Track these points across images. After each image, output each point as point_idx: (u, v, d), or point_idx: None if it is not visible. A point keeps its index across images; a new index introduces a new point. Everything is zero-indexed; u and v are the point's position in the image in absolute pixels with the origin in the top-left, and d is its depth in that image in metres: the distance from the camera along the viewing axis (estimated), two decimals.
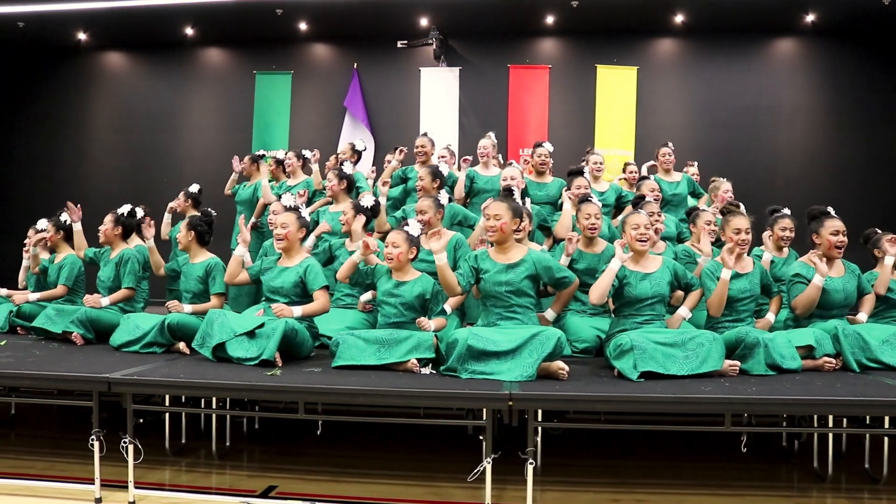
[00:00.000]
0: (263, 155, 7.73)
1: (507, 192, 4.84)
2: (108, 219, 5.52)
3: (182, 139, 10.70)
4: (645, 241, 4.33)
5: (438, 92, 10.01)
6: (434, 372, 4.10)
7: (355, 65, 10.28)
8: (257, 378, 3.88)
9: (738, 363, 4.08)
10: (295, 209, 4.97)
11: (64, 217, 5.82)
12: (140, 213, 5.65)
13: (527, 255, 4.28)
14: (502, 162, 7.46)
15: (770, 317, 4.67)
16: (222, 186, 7.68)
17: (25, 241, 6.02)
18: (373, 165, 9.11)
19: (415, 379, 3.92)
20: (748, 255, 4.75)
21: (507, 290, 4.18)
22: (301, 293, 4.63)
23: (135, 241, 5.74)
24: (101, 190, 10.61)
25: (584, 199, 5.14)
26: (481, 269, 4.25)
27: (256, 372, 4.04)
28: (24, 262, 6.07)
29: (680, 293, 4.65)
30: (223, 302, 5.15)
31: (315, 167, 7.01)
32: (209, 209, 5.59)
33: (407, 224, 4.56)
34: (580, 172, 6.01)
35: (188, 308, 4.93)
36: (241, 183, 7.50)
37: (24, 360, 4.38)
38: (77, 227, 5.76)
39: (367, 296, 4.89)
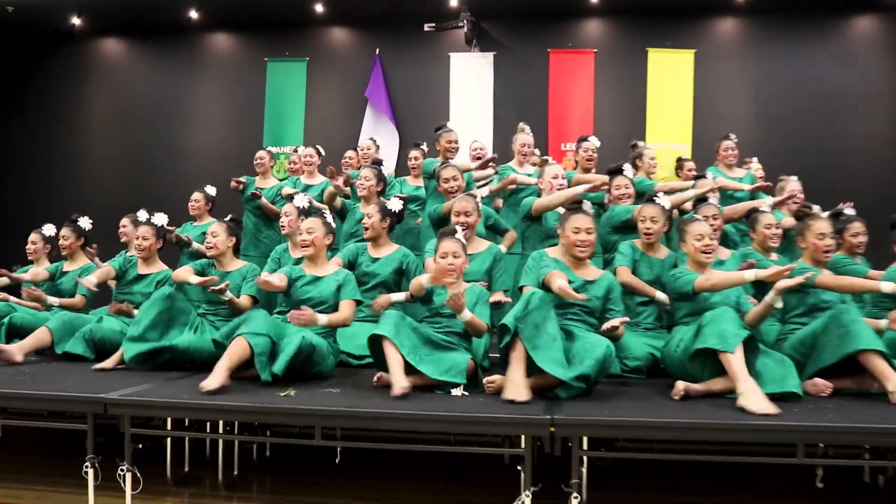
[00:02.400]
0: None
1: (577, 205, 4.80)
2: (149, 232, 5.56)
3: (186, 134, 10.83)
4: (710, 254, 4.38)
5: (470, 80, 10.04)
6: (467, 394, 4.09)
7: (377, 51, 10.34)
8: (269, 399, 3.88)
9: (830, 385, 4.03)
10: (320, 213, 5.02)
11: (82, 222, 5.87)
12: (163, 220, 5.70)
13: (603, 274, 4.43)
14: (545, 159, 7.44)
15: (882, 322, 4.58)
16: (227, 188, 7.73)
17: (30, 248, 6.17)
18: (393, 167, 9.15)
19: (445, 401, 3.91)
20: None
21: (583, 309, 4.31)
22: (337, 306, 4.71)
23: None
24: (96, 189, 10.79)
25: (648, 199, 5.13)
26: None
27: (268, 392, 4.05)
28: (30, 270, 6.17)
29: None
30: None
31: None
32: (231, 216, 5.64)
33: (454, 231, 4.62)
34: (619, 171, 5.96)
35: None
36: (248, 183, 7.53)
37: (12, 377, 4.42)
38: (97, 262, 5.84)
39: (399, 296, 4.89)
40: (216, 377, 4.07)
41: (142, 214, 6.33)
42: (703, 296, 4.42)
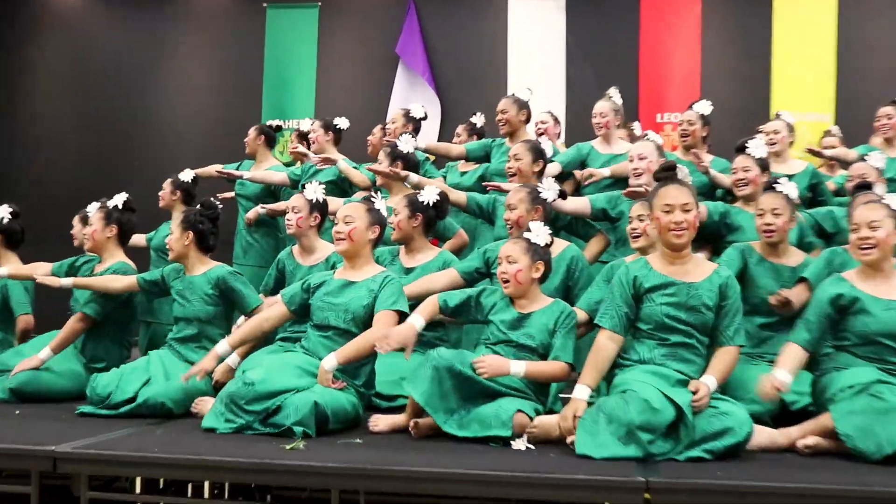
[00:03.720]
0: (279, 127, 7.80)
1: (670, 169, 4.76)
2: (96, 216, 5.69)
3: (160, 104, 10.95)
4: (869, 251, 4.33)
5: (535, 32, 10.03)
6: (532, 447, 4.08)
7: None
8: (270, 454, 3.87)
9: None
10: (366, 198, 5.01)
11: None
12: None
13: (715, 270, 4.34)
14: (637, 132, 7.38)
15: None
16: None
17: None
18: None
19: (503, 457, 3.89)
20: None
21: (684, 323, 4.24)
22: (368, 322, 4.65)
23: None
24: (48, 175, 10.93)
25: (769, 185, 5.06)
26: (645, 291, 4.26)
27: (269, 444, 4.04)
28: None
29: None
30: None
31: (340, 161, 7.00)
32: (213, 199, 5.66)
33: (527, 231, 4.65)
34: (741, 149, 5.87)
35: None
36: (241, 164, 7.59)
37: None
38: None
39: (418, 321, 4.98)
40: None
41: (94, 209, 6.39)
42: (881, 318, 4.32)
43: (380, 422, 4.48)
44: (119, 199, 5.84)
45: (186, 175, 7.29)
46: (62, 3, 11.30)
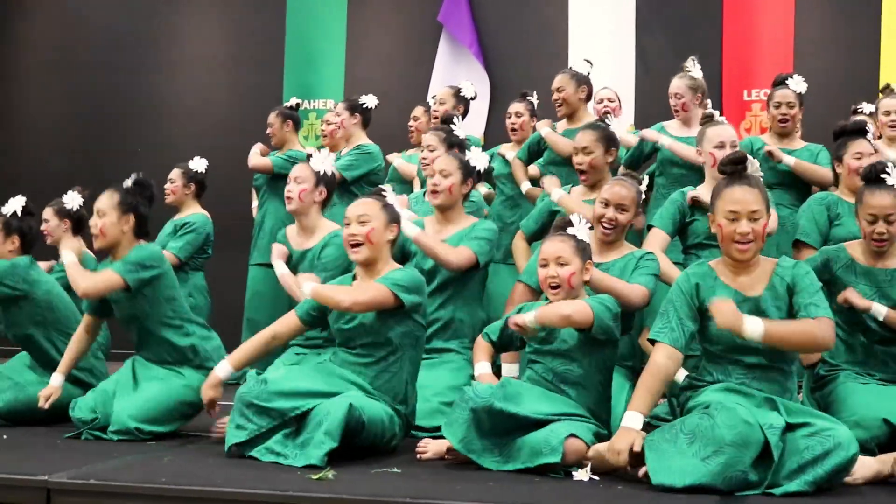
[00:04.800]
0: (298, 105, 7.85)
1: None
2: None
3: (166, 83, 11.05)
4: None
5: None
6: (595, 478, 4.08)
7: None
8: (295, 484, 3.90)
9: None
10: (377, 192, 4.98)
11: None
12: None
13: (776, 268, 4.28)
14: (715, 115, 7.36)
15: None
16: (236, 159, 7.84)
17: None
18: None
19: (559, 488, 3.91)
20: None
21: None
22: (386, 341, 4.70)
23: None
24: (34, 163, 11.02)
25: (874, 177, 4.94)
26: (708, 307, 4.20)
27: (293, 473, 4.08)
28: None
29: None
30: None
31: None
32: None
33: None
34: (860, 131, 5.79)
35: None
36: (271, 152, 7.65)
37: None
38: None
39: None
40: None
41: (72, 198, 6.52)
42: None
43: (429, 447, 4.50)
44: (16, 205, 5.84)
45: (199, 164, 7.37)
46: None
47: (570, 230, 4.61)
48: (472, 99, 7.55)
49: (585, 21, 10.00)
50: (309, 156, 5.92)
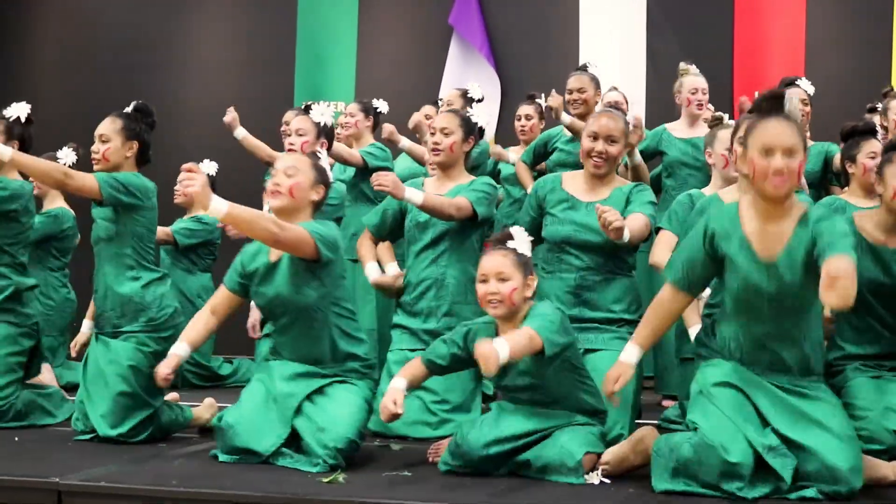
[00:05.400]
0: (308, 107, 7.86)
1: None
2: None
3: (177, 85, 11.08)
4: None
5: None
6: (606, 481, 4.08)
7: None
8: (306, 488, 3.92)
9: None
10: (313, 154, 4.91)
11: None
12: None
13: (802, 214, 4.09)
14: (724, 118, 7.36)
15: None
16: (247, 161, 7.85)
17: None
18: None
19: (573, 492, 3.92)
20: None
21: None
22: (304, 310, 4.64)
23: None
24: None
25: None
26: (732, 260, 4.10)
27: (304, 477, 4.11)
28: None
29: None
30: None
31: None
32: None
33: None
34: (871, 131, 5.78)
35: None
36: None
37: None
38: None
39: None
40: None
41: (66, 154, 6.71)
42: None
43: (440, 448, 4.52)
44: (21, 110, 6.08)
45: (209, 167, 7.39)
46: None
47: (509, 244, 4.45)
48: (479, 101, 7.55)
49: (596, 23, 10.02)
50: (307, 107, 6.01)
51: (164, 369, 4.68)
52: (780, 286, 3.98)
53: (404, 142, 7.21)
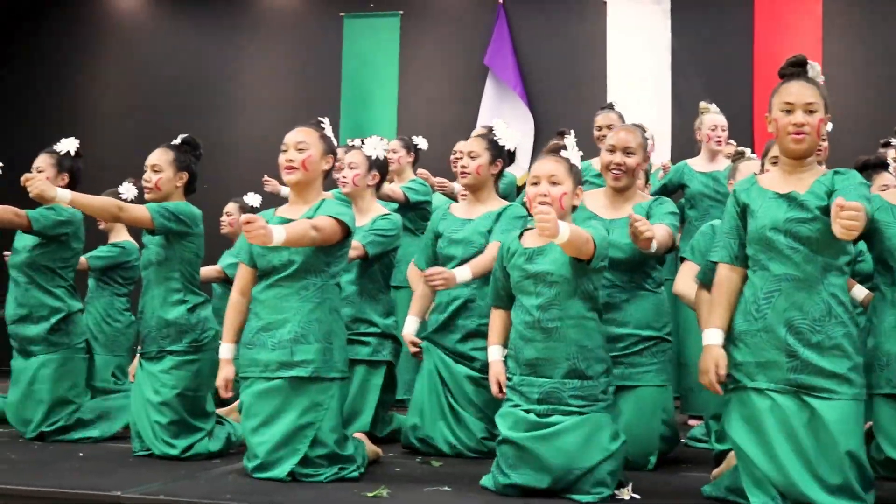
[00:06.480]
0: (352, 146, 8.24)
1: None
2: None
3: (229, 123, 11.36)
4: None
5: (636, 37, 10.15)
6: (636, 496, 4.15)
7: None
8: (350, 502, 4.05)
9: None
10: (317, 124, 5.01)
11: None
12: None
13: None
14: (747, 152, 7.64)
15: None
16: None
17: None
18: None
19: None
20: None
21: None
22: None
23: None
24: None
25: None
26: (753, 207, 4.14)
27: (349, 492, 4.21)
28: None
29: None
30: None
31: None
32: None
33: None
34: (882, 164, 5.82)
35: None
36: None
37: None
38: None
39: (463, 273, 5.25)
40: None
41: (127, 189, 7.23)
42: None
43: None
44: (70, 145, 6.32)
45: (253, 199, 7.77)
46: (125, 12, 11.78)
47: (563, 153, 4.51)
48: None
49: (623, 64, 10.19)
50: (362, 142, 6.01)
51: (221, 381, 4.80)
52: (798, 219, 3.99)
53: (385, 187, 6.98)
